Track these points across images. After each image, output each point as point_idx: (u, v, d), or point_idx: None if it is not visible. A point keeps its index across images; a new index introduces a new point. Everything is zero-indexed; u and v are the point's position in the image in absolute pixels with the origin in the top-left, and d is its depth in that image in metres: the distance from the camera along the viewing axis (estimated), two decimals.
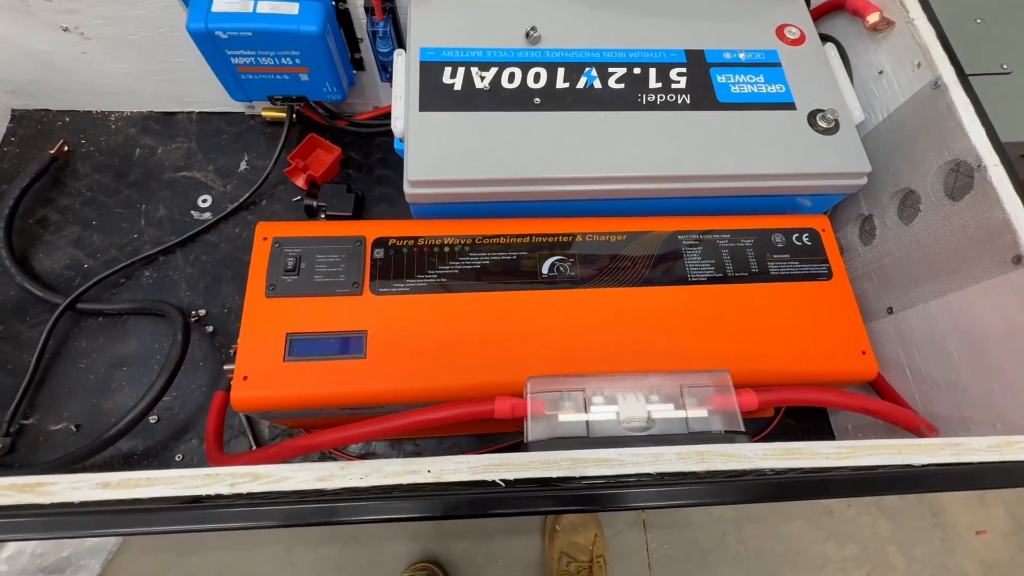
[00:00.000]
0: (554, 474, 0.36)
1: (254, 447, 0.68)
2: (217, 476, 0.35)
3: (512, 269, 0.55)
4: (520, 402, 0.45)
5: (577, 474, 0.36)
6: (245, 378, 0.49)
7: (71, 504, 0.34)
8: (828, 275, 0.58)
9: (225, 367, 0.52)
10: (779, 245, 0.59)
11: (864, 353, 0.55)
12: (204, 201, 0.81)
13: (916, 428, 0.49)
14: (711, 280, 0.57)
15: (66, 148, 0.82)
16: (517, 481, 0.36)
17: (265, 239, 0.55)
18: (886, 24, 0.62)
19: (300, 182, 0.82)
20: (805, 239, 0.60)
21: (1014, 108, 0.60)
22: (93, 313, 0.72)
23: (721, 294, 0.56)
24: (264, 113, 0.86)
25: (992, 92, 0.55)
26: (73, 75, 0.79)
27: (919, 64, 0.58)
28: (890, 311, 0.63)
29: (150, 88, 0.82)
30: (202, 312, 0.74)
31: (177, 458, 0.67)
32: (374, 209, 0.83)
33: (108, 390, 0.69)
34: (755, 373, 0.53)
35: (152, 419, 0.68)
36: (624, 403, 0.44)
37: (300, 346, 0.51)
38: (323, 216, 0.79)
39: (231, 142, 0.86)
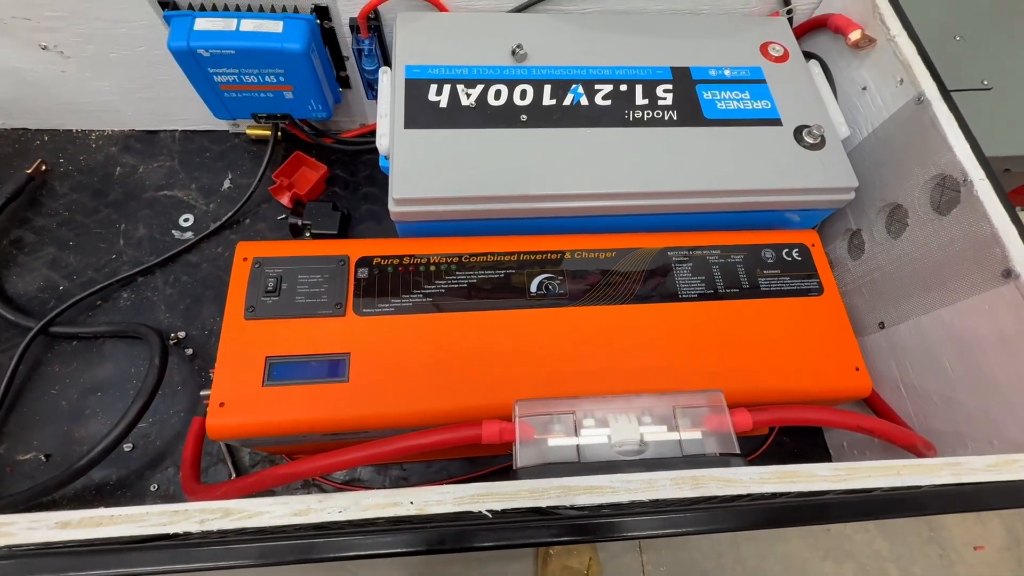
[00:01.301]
0: (543, 503, 0.34)
1: (234, 475, 0.65)
2: (186, 512, 0.33)
3: (500, 288, 0.54)
4: (508, 426, 0.43)
5: (567, 503, 0.34)
6: (221, 404, 0.47)
7: (27, 547, 0.32)
8: (819, 290, 0.58)
9: (202, 393, 0.49)
10: (769, 261, 0.59)
11: (858, 369, 0.54)
12: (186, 220, 0.79)
13: (913, 446, 0.48)
14: (702, 297, 0.56)
15: (43, 167, 0.80)
16: (505, 511, 0.34)
17: (245, 259, 0.53)
18: (868, 41, 0.63)
19: (285, 200, 0.81)
20: (795, 254, 0.60)
21: (995, 123, 0.60)
22: (67, 337, 0.70)
23: (712, 311, 0.55)
24: (249, 131, 0.84)
25: (974, 108, 0.55)
26: (52, 93, 0.77)
27: (902, 80, 0.59)
28: (882, 326, 0.63)
29: (132, 106, 0.81)
30: (181, 334, 0.72)
31: (152, 488, 0.64)
32: (360, 227, 0.82)
33: (81, 417, 0.66)
34: (748, 391, 0.52)
35: (127, 447, 0.65)
36: (616, 426, 0.43)
37: (280, 370, 0.49)
38: (308, 235, 0.77)
39: (215, 160, 0.85)
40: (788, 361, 0.53)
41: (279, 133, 0.80)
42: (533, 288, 0.55)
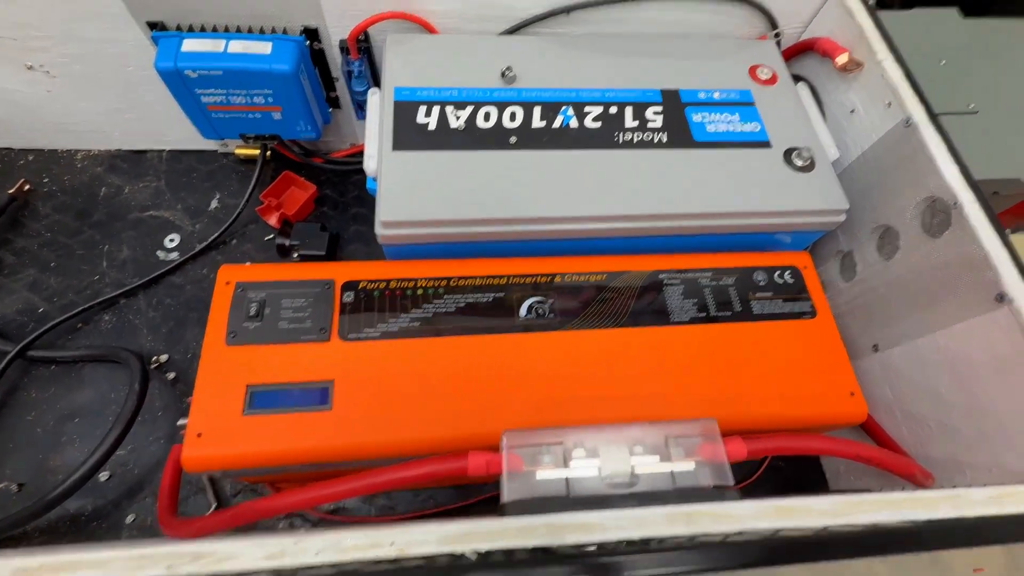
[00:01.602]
0: (531, 543, 0.33)
1: (214, 504, 0.63)
2: (153, 557, 0.31)
3: (488, 312, 0.53)
4: (495, 458, 0.42)
5: (556, 542, 0.33)
6: (199, 435, 0.45)
7: None
8: (812, 313, 0.57)
9: (179, 422, 0.48)
10: (761, 283, 0.58)
11: (853, 394, 0.53)
12: (171, 241, 0.78)
13: (911, 475, 0.47)
14: (694, 320, 0.55)
15: (27, 187, 0.79)
16: (491, 552, 0.33)
17: (228, 283, 0.52)
18: (855, 65, 0.63)
19: (273, 220, 0.80)
20: (787, 277, 0.59)
21: (982, 147, 0.60)
22: (45, 361, 0.68)
23: (704, 335, 0.54)
24: (237, 151, 0.84)
25: (961, 131, 0.56)
26: (38, 113, 0.77)
27: (889, 104, 0.59)
28: (876, 348, 0.62)
29: (119, 126, 0.80)
30: (163, 358, 0.70)
31: (129, 519, 0.62)
32: (349, 248, 0.81)
33: (57, 444, 0.64)
34: (742, 418, 0.51)
35: (103, 476, 0.63)
36: (606, 457, 0.41)
37: (261, 398, 0.47)
38: (296, 256, 0.76)
39: (202, 180, 0.84)
40: (782, 387, 0.52)
41: (268, 153, 0.79)
42: (522, 312, 0.54)
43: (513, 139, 0.59)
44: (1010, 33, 0.70)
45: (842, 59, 0.64)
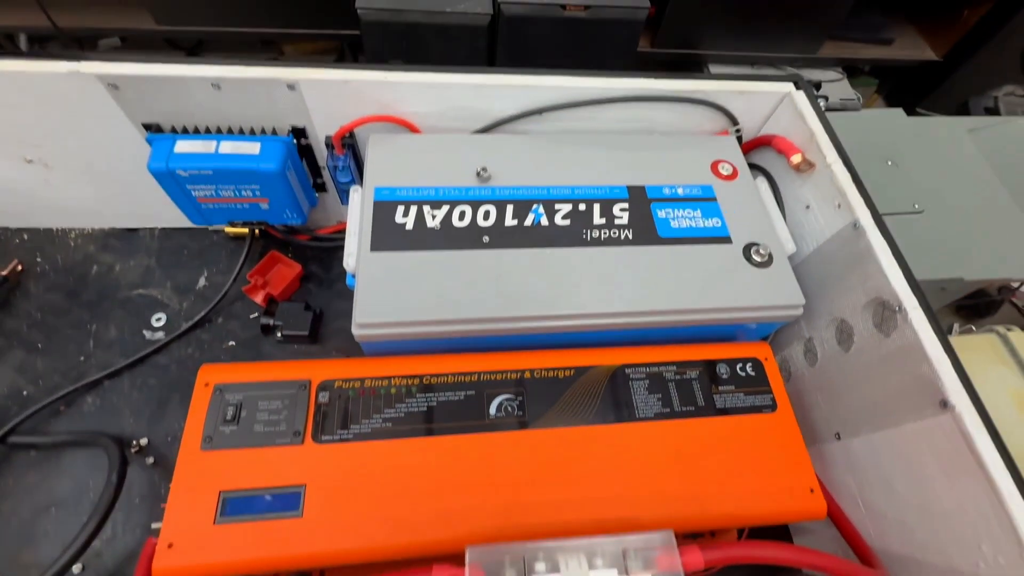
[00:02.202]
0: None
1: None
2: None
3: (458, 412, 0.55)
4: (459, 572, 0.43)
5: None
6: (170, 546, 0.46)
7: None
8: (772, 407, 0.59)
9: (153, 525, 0.49)
10: (724, 376, 0.60)
11: (812, 491, 0.54)
12: (158, 320, 0.80)
13: None
14: (658, 416, 0.57)
15: (19, 268, 0.81)
16: None
17: (207, 385, 0.54)
18: (808, 165, 0.68)
19: (258, 299, 0.82)
20: (749, 369, 0.61)
21: (928, 246, 0.64)
22: (24, 447, 0.69)
23: (668, 431, 0.56)
24: (227, 230, 0.87)
25: (906, 231, 0.59)
26: (34, 199, 0.80)
27: (839, 205, 0.63)
28: (838, 436, 0.64)
29: (112, 208, 0.84)
30: (144, 441, 0.71)
31: None
32: (334, 324, 0.83)
33: (32, 537, 0.64)
34: (704, 517, 0.52)
35: (76, 569, 0.63)
36: (566, 571, 0.43)
37: (234, 505, 0.48)
38: (279, 336, 0.78)
39: (192, 258, 0.87)
40: (743, 484, 0.54)
41: (256, 232, 0.82)
42: (492, 410, 0.56)
43: (486, 238, 0.62)
44: (951, 130, 0.76)
45: (796, 159, 0.68)
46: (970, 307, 1.02)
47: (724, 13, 1.70)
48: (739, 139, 0.77)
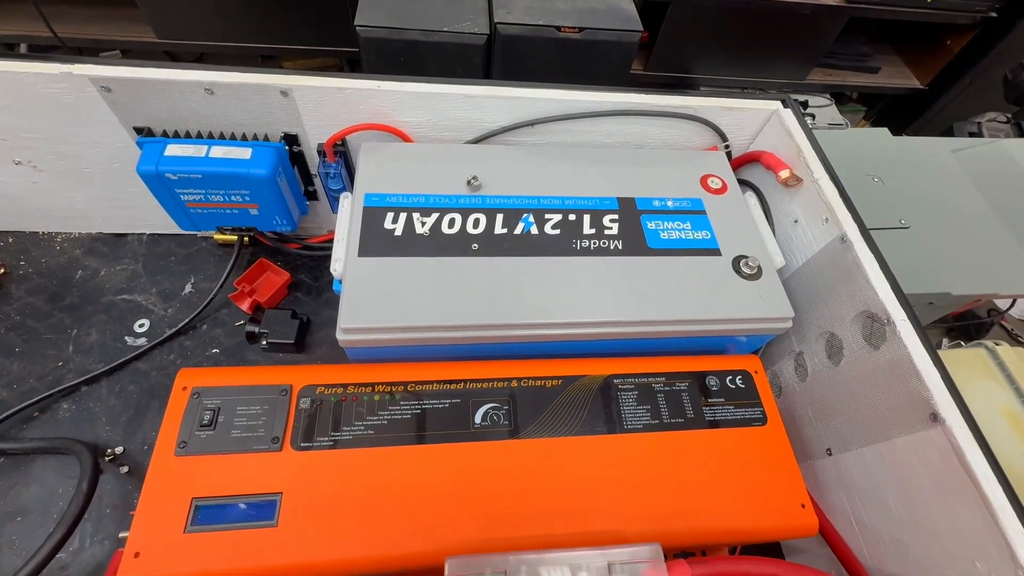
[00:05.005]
0: None
1: None
2: None
3: (443, 420, 0.54)
4: None
5: None
6: (137, 555, 0.44)
7: None
8: (763, 420, 0.58)
9: (121, 535, 0.47)
10: (714, 388, 0.60)
11: (804, 507, 0.53)
12: (141, 326, 0.79)
13: None
14: (647, 427, 0.56)
15: (1, 270, 0.80)
16: None
17: (184, 388, 0.53)
18: (796, 180, 0.68)
19: (245, 306, 0.81)
20: (739, 382, 0.61)
21: (915, 261, 0.64)
22: None
23: (657, 443, 0.55)
24: (216, 236, 0.86)
25: (894, 246, 0.60)
26: (21, 201, 0.79)
27: (827, 219, 0.63)
28: (829, 452, 0.63)
29: (101, 213, 0.83)
30: (119, 450, 0.69)
31: None
32: (320, 333, 0.82)
33: None
34: (692, 532, 0.51)
35: None
36: None
37: (206, 513, 0.47)
38: (264, 343, 0.77)
39: (179, 264, 0.86)
40: (733, 499, 0.53)
41: (246, 239, 0.82)
42: (477, 419, 0.54)
43: (475, 246, 0.62)
44: (935, 149, 0.77)
45: (784, 174, 0.69)
46: (960, 328, 1.02)
47: (714, 39, 1.74)
48: (728, 155, 0.78)
